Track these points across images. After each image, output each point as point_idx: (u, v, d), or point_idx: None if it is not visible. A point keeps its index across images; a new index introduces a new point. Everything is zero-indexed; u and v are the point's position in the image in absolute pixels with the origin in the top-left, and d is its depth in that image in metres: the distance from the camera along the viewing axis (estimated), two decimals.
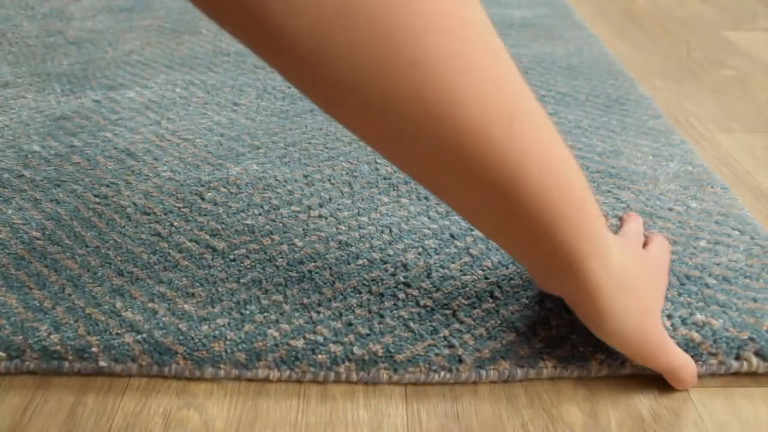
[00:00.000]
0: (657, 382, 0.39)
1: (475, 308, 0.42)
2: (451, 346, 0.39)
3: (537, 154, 0.29)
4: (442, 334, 0.40)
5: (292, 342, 0.39)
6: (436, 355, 0.39)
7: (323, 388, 0.39)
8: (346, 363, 0.39)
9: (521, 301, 0.42)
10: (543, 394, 0.39)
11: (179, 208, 0.52)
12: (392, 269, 0.45)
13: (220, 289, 0.43)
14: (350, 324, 0.40)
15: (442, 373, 0.39)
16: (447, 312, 0.41)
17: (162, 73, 0.77)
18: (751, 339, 0.39)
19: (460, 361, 0.38)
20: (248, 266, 0.45)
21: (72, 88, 0.73)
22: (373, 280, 0.44)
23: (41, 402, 0.38)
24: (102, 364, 0.39)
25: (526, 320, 0.41)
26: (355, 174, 0.56)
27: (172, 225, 0.50)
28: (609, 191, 0.54)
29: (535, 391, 0.39)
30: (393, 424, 0.37)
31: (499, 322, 0.40)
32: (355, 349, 0.39)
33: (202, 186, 0.55)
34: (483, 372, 0.39)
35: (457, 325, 0.40)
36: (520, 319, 0.41)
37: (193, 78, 0.76)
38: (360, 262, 0.46)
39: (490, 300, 0.42)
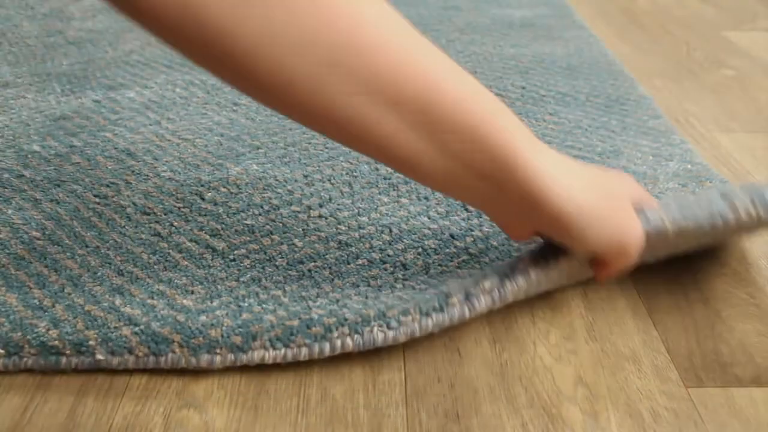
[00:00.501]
0: (657, 382, 0.39)
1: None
2: (439, 293, 0.40)
3: (445, 75, 0.31)
4: (432, 292, 0.41)
5: (287, 323, 0.39)
6: (427, 301, 0.39)
7: (323, 388, 0.39)
8: (340, 328, 0.39)
9: None
10: (543, 393, 0.39)
11: (179, 208, 0.52)
12: (391, 269, 0.45)
13: (219, 287, 0.43)
14: (345, 306, 0.41)
15: (434, 316, 0.39)
16: (441, 293, 0.42)
17: (162, 73, 0.77)
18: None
19: (448, 296, 0.39)
20: (248, 266, 0.45)
21: (72, 88, 0.73)
22: (372, 278, 0.44)
23: (41, 402, 0.38)
24: (99, 357, 0.39)
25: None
26: (355, 174, 0.56)
27: (172, 225, 0.50)
28: None
29: (535, 391, 0.39)
30: (393, 424, 0.37)
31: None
32: (347, 314, 0.39)
33: (202, 186, 0.55)
34: (474, 302, 0.39)
35: (445, 289, 0.41)
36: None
37: (193, 78, 0.76)
38: (360, 262, 0.46)
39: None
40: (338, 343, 0.39)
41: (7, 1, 1.01)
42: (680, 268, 0.48)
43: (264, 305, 0.41)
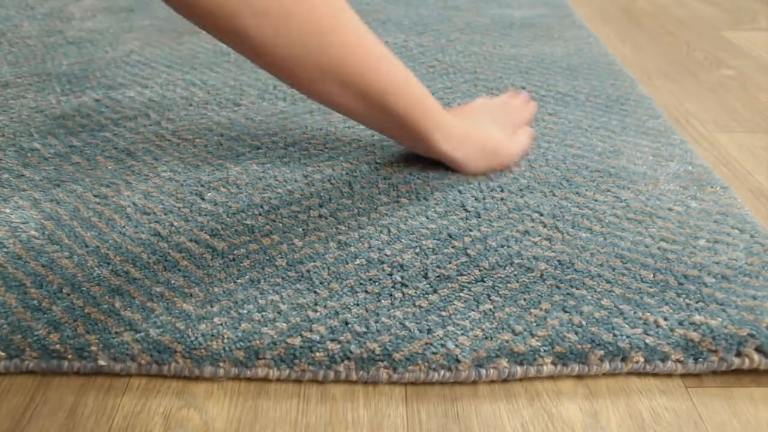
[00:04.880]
0: (657, 382, 0.39)
1: (471, 310, 0.42)
2: (447, 347, 0.39)
3: (395, 79, 0.49)
4: (437, 334, 0.40)
5: (289, 340, 0.39)
6: (434, 353, 0.39)
7: (323, 388, 0.39)
8: (345, 362, 0.39)
9: (519, 303, 0.42)
10: (543, 393, 0.39)
11: (179, 208, 0.52)
12: (389, 269, 0.45)
13: (217, 289, 0.43)
14: (347, 323, 0.40)
15: (442, 372, 0.39)
16: (444, 314, 0.41)
17: (162, 73, 0.77)
18: (751, 335, 0.39)
19: (458, 360, 0.38)
20: (248, 266, 0.45)
21: (72, 88, 0.73)
22: (370, 281, 0.44)
23: (41, 402, 0.38)
24: (101, 363, 0.39)
25: (522, 322, 0.41)
26: (354, 174, 0.56)
27: (171, 225, 0.50)
28: (608, 190, 0.54)
29: (535, 391, 0.39)
30: (393, 424, 0.37)
31: (496, 324, 0.40)
32: (352, 347, 0.39)
33: (202, 186, 0.55)
34: (482, 371, 0.39)
35: (452, 327, 0.40)
36: (516, 320, 0.41)
37: (194, 78, 0.76)
38: (358, 262, 0.46)
39: (488, 302, 0.42)
40: (343, 374, 0.39)
41: (7, 1, 1.01)
42: None
43: (263, 313, 0.41)
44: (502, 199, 0.53)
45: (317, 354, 0.39)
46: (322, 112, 0.67)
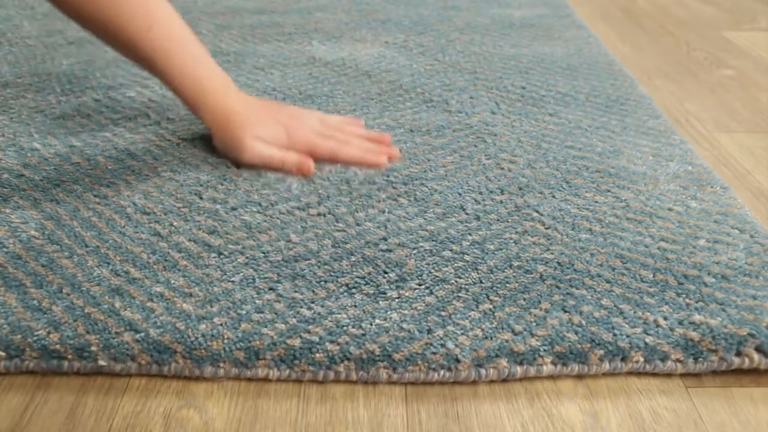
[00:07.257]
0: (657, 381, 0.39)
1: (471, 310, 0.42)
2: (447, 347, 0.39)
3: (168, 39, 0.54)
4: (437, 334, 0.40)
5: (289, 341, 0.39)
6: (434, 353, 0.39)
7: (323, 388, 0.39)
8: (345, 362, 0.39)
9: (518, 302, 0.42)
10: (543, 393, 0.39)
11: (179, 207, 0.52)
12: (384, 267, 0.45)
13: (216, 289, 0.43)
14: (346, 323, 0.40)
15: (442, 372, 0.38)
16: (443, 314, 0.41)
17: None
18: (751, 335, 0.39)
19: (458, 360, 0.38)
20: (243, 263, 0.45)
21: (72, 88, 0.73)
22: (365, 281, 0.44)
23: (41, 402, 0.38)
24: (101, 363, 0.39)
25: (522, 321, 0.41)
26: (354, 171, 0.56)
27: (171, 225, 0.50)
28: (609, 190, 0.54)
29: (535, 391, 0.39)
30: (393, 424, 0.37)
31: (495, 323, 0.40)
32: (352, 348, 0.39)
33: (201, 186, 0.55)
34: (482, 370, 0.39)
35: (452, 327, 0.40)
36: (516, 320, 0.41)
37: None
38: (353, 258, 0.46)
39: (487, 302, 0.42)
40: (343, 375, 0.39)
41: (7, 1, 1.01)
42: None
43: (261, 313, 0.41)
44: (501, 201, 0.53)
45: (317, 354, 0.39)
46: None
